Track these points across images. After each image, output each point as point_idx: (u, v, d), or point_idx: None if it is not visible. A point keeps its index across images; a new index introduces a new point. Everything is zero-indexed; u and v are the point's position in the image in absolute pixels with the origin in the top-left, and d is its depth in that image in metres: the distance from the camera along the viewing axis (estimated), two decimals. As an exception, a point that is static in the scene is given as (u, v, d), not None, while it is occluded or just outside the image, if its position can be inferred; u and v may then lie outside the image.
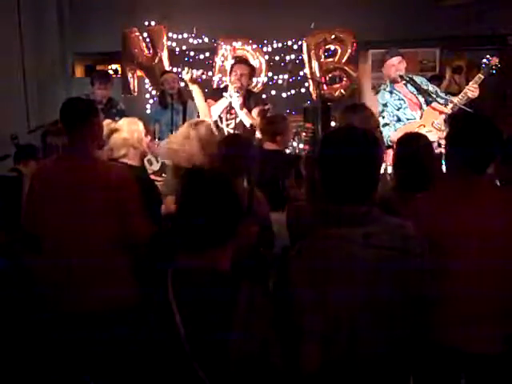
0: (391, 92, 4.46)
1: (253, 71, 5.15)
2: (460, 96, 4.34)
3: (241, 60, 5.46)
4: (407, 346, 1.82)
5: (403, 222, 1.82)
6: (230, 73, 4.95)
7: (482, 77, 4.30)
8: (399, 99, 4.44)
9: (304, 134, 5.78)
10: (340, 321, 1.70)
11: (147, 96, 6.87)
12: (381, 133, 4.09)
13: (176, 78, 5.42)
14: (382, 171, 1.99)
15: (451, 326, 2.12)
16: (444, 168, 3.01)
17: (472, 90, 4.29)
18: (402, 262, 1.74)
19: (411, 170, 2.89)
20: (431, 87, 4.51)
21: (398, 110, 4.42)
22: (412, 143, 3.00)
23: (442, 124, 4.32)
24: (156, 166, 5.13)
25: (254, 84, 6.50)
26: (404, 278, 1.75)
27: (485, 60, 4.34)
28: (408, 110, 4.42)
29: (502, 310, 2.14)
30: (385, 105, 4.44)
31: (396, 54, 4.48)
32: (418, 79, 4.51)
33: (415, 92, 4.45)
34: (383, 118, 4.42)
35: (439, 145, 4.06)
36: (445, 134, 4.27)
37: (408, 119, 4.40)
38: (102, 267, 2.59)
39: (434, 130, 4.24)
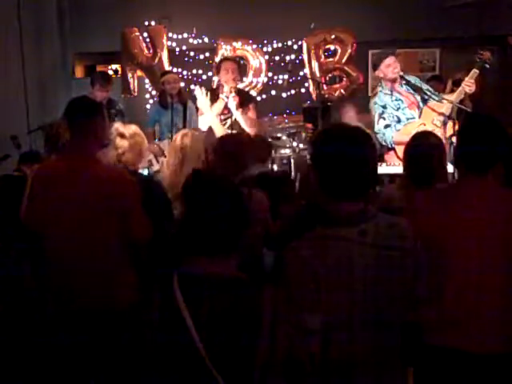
0: (390, 94, 4.47)
1: (240, 68, 5.13)
2: (457, 92, 4.36)
3: (227, 57, 5.48)
4: (405, 343, 1.83)
5: (399, 219, 1.83)
6: (219, 71, 4.91)
7: (477, 71, 4.31)
8: (397, 99, 4.44)
9: (304, 134, 5.79)
10: (339, 319, 1.71)
11: (147, 96, 6.87)
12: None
13: (177, 78, 5.41)
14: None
15: (451, 326, 2.12)
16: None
17: (469, 85, 4.30)
18: (397, 260, 1.75)
19: (421, 168, 2.91)
20: (424, 86, 4.53)
21: (397, 110, 4.42)
22: (423, 141, 3.02)
23: (442, 121, 4.33)
24: (156, 167, 5.15)
25: (254, 84, 6.52)
26: (400, 275, 1.75)
27: (477, 55, 4.36)
28: (407, 109, 4.42)
29: (503, 310, 2.14)
30: (384, 106, 4.44)
31: (389, 54, 4.48)
32: (412, 79, 4.53)
33: (411, 91, 4.47)
34: (384, 119, 4.42)
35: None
36: (446, 131, 4.30)
37: (408, 119, 4.41)
38: (103, 267, 2.59)
39: (436, 128, 4.25)
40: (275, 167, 5.47)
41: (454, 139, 4.11)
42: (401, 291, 1.77)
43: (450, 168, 3.15)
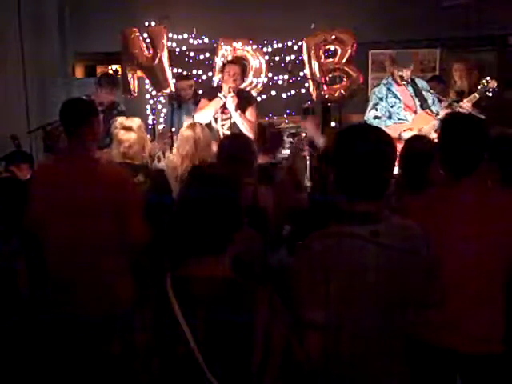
0: (389, 89, 4.51)
1: (244, 71, 5.18)
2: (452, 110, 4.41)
3: (232, 60, 5.55)
4: (407, 342, 1.83)
5: (412, 223, 1.83)
6: (222, 73, 4.96)
7: (478, 96, 4.37)
8: (395, 97, 4.49)
9: (304, 134, 5.79)
10: (342, 316, 1.71)
11: (147, 96, 6.87)
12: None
13: (190, 84, 5.50)
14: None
15: (447, 326, 2.13)
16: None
17: (465, 108, 4.35)
18: (408, 262, 1.75)
19: (414, 170, 2.92)
20: (430, 94, 4.55)
21: (391, 107, 4.47)
22: (416, 144, 3.04)
23: (431, 132, 4.33)
24: (163, 163, 5.16)
25: (254, 84, 6.51)
26: (410, 277, 1.76)
27: (483, 81, 4.39)
28: (402, 110, 4.46)
29: (498, 311, 2.15)
30: (381, 99, 4.50)
31: (407, 64, 4.51)
32: (420, 83, 4.55)
33: (413, 94, 4.50)
34: (376, 110, 4.46)
35: None
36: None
37: (399, 119, 4.45)
38: (101, 268, 2.59)
39: None
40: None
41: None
42: (410, 294, 1.77)
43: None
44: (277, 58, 6.73)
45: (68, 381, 2.63)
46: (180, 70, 6.62)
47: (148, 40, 6.58)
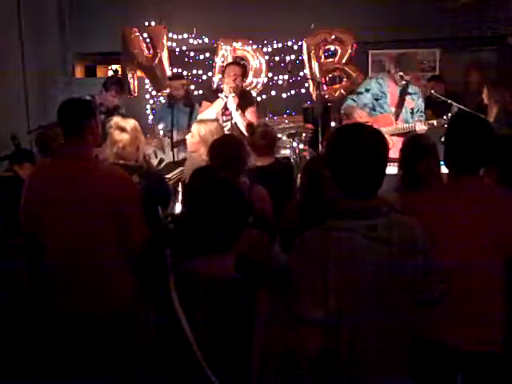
0: (380, 84, 4.64)
1: (245, 72, 5.22)
2: (421, 124, 4.51)
3: (233, 61, 5.61)
4: (407, 338, 1.83)
5: (410, 219, 1.84)
6: (223, 74, 5.02)
7: (436, 124, 4.42)
8: (382, 92, 4.60)
9: (304, 134, 5.79)
10: (341, 311, 1.72)
11: (147, 96, 6.87)
12: None
13: (182, 83, 5.48)
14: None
15: (447, 324, 2.13)
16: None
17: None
18: (407, 257, 1.76)
19: (414, 170, 2.93)
20: (415, 106, 4.67)
21: (376, 100, 4.60)
22: (416, 143, 3.05)
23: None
24: (154, 162, 5.17)
25: (254, 84, 6.52)
26: (407, 272, 1.77)
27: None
28: (386, 105, 4.60)
29: (498, 309, 2.15)
30: (367, 90, 4.65)
31: (412, 67, 4.68)
32: (412, 89, 4.71)
33: (399, 95, 4.64)
34: (357, 95, 4.72)
35: None
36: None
37: (381, 113, 4.60)
38: (101, 268, 2.58)
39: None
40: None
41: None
42: (409, 288, 1.78)
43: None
44: (277, 58, 6.73)
45: (69, 379, 2.63)
46: (180, 70, 6.63)
47: (148, 40, 6.59)
